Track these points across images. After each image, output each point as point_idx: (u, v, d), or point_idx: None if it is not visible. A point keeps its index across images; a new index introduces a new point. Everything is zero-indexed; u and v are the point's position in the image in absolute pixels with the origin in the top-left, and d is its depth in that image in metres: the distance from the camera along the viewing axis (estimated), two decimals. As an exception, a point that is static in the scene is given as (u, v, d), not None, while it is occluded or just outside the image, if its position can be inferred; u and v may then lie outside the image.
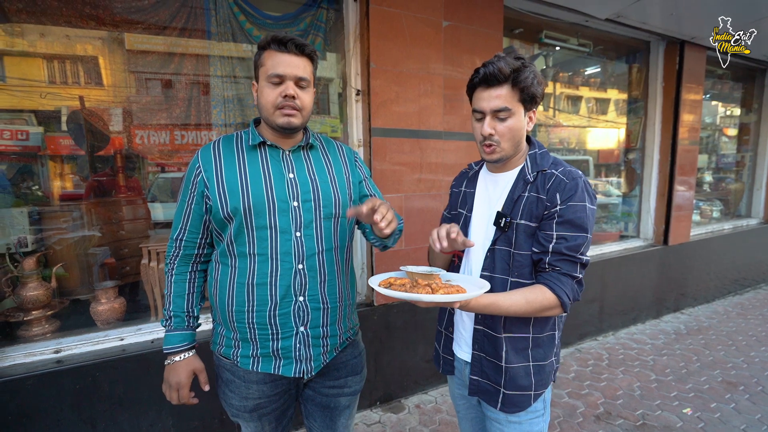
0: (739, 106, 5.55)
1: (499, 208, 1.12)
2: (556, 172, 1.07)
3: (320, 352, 1.16)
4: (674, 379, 2.95)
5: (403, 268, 1.06)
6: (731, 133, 5.68)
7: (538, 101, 1.08)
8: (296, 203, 1.11)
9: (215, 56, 2.34)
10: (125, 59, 2.39)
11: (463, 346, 1.21)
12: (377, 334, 2.53)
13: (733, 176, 5.66)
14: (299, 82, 1.08)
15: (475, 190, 1.23)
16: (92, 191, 2.66)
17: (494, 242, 1.11)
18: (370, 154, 2.37)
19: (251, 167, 1.11)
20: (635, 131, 4.18)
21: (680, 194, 4.01)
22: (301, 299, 1.11)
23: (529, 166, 1.11)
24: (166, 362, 1.16)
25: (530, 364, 1.10)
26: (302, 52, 1.08)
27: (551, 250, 1.03)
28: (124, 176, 2.72)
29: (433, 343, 1.99)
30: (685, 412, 2.54)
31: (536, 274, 1.07)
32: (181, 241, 1.15)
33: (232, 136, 1.17)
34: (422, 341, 2.68)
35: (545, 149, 1.15)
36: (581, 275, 1.05)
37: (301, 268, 1.10)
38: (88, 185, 2.68)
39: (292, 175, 1.13)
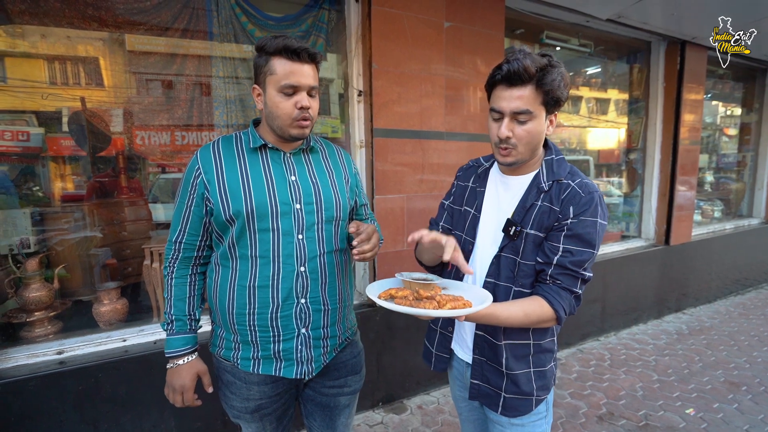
0: (739, 105, 5.55)
1: (509, 214, 1.07)
2: (572, 183, 1.02)
3: (321, 353, 1.16)
4: (677, 379, 2.94)
5: (398, 275, 1.05)
6: (732, 132, 5.69)
7: (561, 105, 1.00)
8: (298, 206, 1.10)
9: (217, 57, 2.34)
10: (126, 60, 2.39)
11: (464, 347, 1.20)
12: (379, 334, 2.53)
13: (734, 176, 5.66)
14: (311, 91, 1.08)
15: (485, 189, 1.16)
16: (94, 192, 2.66)
17: (501, 249, 1.07)
18: (372, 154, 2.37)
19: (253, 170, 1.10)
20: (636, 131, 4.18)
21: (681, 194, 4.01)
22: (302, 301, 1.11)
23: (544, 173, 1.05)
24: (168, 366, 1.15)
25: (531, 370, 1.09)
26: (314, 60, 1.08)
27: (555, 262, 1.00)
28: (125, 177, 2.72)
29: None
30: (687, 412, 2.54)
31: (536, 283, 1.04)
32: (180, 243, 1.14)
33: (231, 137, 1.16)
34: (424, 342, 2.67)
35: (562, 155, 1.09)
36: (581, 291, 1.03)
37: (303, 270, 1.10)
38: (89, 186, 2.68)
39: (293, 177, 1.12)
